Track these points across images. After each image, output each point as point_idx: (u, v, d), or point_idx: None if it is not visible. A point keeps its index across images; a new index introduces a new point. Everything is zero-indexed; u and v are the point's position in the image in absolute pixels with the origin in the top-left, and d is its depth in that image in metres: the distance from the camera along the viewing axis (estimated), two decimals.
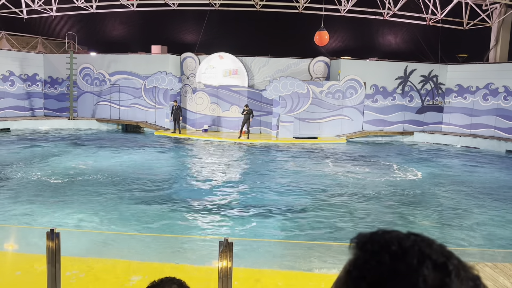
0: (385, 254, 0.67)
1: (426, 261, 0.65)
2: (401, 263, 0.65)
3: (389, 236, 0.70)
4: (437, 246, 0.68)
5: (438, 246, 0.68)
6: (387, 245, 0.68)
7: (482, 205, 9.76)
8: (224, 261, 4.14)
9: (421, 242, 0.68)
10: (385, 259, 0.66)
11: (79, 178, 11.06)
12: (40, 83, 23.28)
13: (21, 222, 7.62)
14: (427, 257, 0.65)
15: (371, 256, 0.67)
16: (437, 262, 0.65)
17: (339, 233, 7.65)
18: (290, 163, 14.38)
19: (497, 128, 19.71)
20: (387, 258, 0.66)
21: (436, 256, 0.66)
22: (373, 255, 0.67)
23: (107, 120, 22.45)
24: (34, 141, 17.10)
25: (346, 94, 20.81)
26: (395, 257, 0.66)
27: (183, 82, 21.77)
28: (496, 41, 21.67)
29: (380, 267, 0.66)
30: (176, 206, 8.90)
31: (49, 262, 4.26)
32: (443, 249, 0.68)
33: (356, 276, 0.67)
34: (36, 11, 22.94)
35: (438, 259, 0.65)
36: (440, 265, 0.65)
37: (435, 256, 0.66)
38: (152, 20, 24.73)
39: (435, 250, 0.67)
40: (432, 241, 0.69)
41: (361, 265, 0.68)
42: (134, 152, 15.47)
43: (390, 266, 0.65)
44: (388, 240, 0.69)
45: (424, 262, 0.64)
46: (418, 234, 0.70)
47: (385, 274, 0.65)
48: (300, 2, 21.57)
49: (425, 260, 0.65)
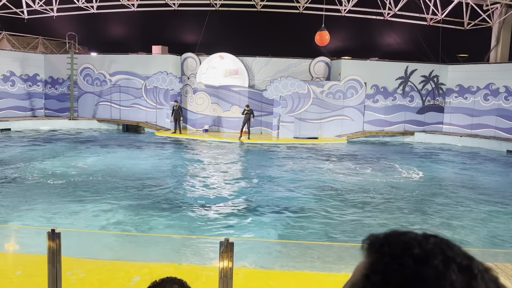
0: (407, 257, 0.64)
1: (451, 264, 0.63)
2: (427, 267, 0.62)
3: (407, 237, 0.67)
4: (458, 249, 0.66)
5: (458, 248, 0.67)
6: (407, 247, 0.66)
7: (483, 205, 9.75)
8: (224, 261, 4.14)
9: (442, 244, 0.66)
10: (409, 263, 0.63)
11: (79, 178, 11.07)
12: (40, 83, 23.30)
13: (22, 222, 7.62)
14: (452, 260, 0.63)
15: (393, 260, 0.64)
16: (462, 265, 0.63)
17: (340, 234, 7.64)
18: (291, 163, 14.37)
19: (498, 128, 19.70)
20: (410, 262, 0.63)
21: (460, 259, 0.64)
22: (394, 258, 0.64)
23: (108, 120, 22.46)
24: (34, 141, 17.11)
25: (347, 94, 20.80)
26: (419, 260, 0.63)
27: (184, 82, 21.78)
28: (497, 41, 21.65)
29: (404, 271, 0.63)
30: (177, 206, 8.90)
31: (50, 262, 4.26)
32: (464, 251, 0.66)
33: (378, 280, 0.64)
34: (37, 12, 22.96)
35: (462, 261, 0.64)
36: (465, 268, 0.63)
37: (459, 259, 0.64)
38: (153, 20, 24.75)
39: (458, 253, 0.65)
40: (452, 243, 0.67)
41: (382, 269, 0.64)
42: (135, 152, 15.48)
43: (414, 270, 0.62)
44: (407, 242, 0.67)
45: (450, 266, 0.62)
46: (435, 235, 0.68)
47: (409, 278, 0.62)
48: (301, 2, 21.57)
49: (451, 264, 0.63)
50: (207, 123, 21.47)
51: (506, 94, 19.48)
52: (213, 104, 21.50)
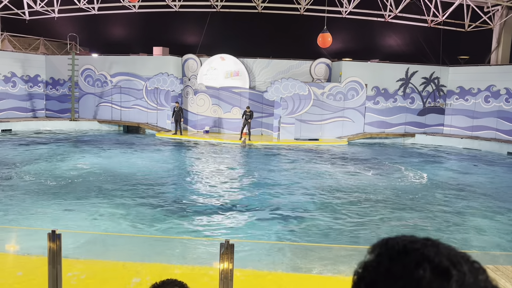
0: (386, 255, 0.67)
1: (424, 263, 0.63)
2: (398, 264, 0.64)
3: (401, 239, 0.69)
4: (446, 250, 0.66)
5: (447, 250, 0.66)
6: (392, 247, 0.68)
7: (484, 207, 9.74)
8: (225, 263, 4.14)
9: (429, 246, 0.66)
10: (385, 261, 0.66)
11: (79, 179, 11.07)
12: (41, 84, 23.33)
13: (22, 223, 7.63)
14: (427, 260, 0.64)
15: (375, 258, 0.68)
16: (439, 265, 0.63)
17: (341, 236, 7.64)
18: (292, 164, 14.37)
19: (498, 130, 19.69)
20: (386, 260, 0.66)
21: (438, 260, 0.64)
22: (376, 256, 0.68)
23: (109, 122, 22.48)
24: (35, 142, 17.12)
25: (348, 96, 20.80)
26: (394, 258, 0.66)
27: (185, 83, 21.79)
28: (497, 43, 21.65)
29: (379, 268, 0.66)
30: (177, 208, 8.90)
31: (50, 263, 4.26)
32: (452, 254, 0.65)
33: (358, 276, 0.68)
34: (38, 13, 23.00)
35: (441, 263, 0.63)
36: (442, 269, 0.63)
37: (438, 260, 0.64)
38: (154, 22, 24.77)
39: (440, 254, 0.65)
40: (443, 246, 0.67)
41: (364, 266, 0.68)
42: (135, 153, 15.49)
43: (386, 267, 0.65)
44: (396, 243, 0.68)
45: (421, 264, 0.63)
46: (432, 239, 0.68)
47: (381, 274, 0.65)
48: (302, 3, 21.59)
49: (423, 263, 0.63)
50: (207, 124, 21.48)
51: (507, 96, 19.47)
52: (213, 106, 21.51)
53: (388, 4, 21.23)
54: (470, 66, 21.45)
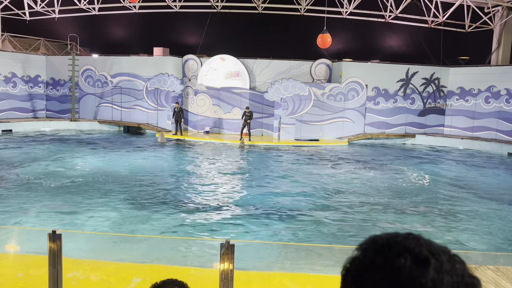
0: (370, 249, 0.72)
1: (405, 253, 0.68)
2: (381, 256, 0.69)
3: (385, 235, 0.74)
4: (426, 243, 0.71)
5: (427, 243, 0.71)
6: (376, 242, 0.72)
7: (485, 207, 9.73)
8: (225, 263, 4.14)
9: (410, 240, 0.71)
10: (370, 254, 0.71)
11: (80, 180, 11.07)
12: (42, 85, 23.34)
13: (23, 223, 7.63)
14: (407, 250, 0.68)
15: (361, 252, 0.72)
16: (419, 255, 0.67)
17: (341, 235, 7.63)
18: (292, 165, 14.37)
19: (499, 131, 19.68)
20: (371, 253, 0.71)
21: (418, 250, 0.68)
22: (362, 251, 0.72)
23: (109, 122, 22.49)
24: (36, 143, 17.13)
25: (348, 97, 20.80)
26: (378, 251, 0.70)
27: (185, 84, 21.80)
28: (498, 43, 21.65)
29: (364, 260, 0.71)
30: (177, 208, 8.90)
31: (51, 264, 4.26)
32: (432, 246, 0.70)
33: (346, 270, 0.73)
34: (39, 13, 23.01)
35: (420, 253, 0.68)
36: (422, 258, 0.67)
37: (418, 250, 0.68)
38: (154, 22, 24.79)
39: (421, 245, 0.69)
40: (423, 239, 0.72)
41: (351, 260, 0.73)
42: (136, 154, 15.49)
43: (371, 259, 0.70)
44: (380, 238, 0.73)
45: (402, 254, 0.68)
46: (414, 234, 0.73)
47: (366, 266, 0.70)
48: (302, 4, 21.59)
49: (404, 253, 0.68)
50: (208, 125, 21.48)
51: (507, 96, 19.46)
52: (214, 106, 21.51)
53: (388, 4, 21.23)
54: (470, 66, 21.44)
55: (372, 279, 0.68)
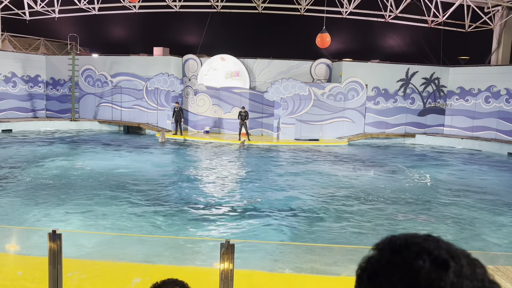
0: (387, 249, 0.70)
1: (423, 255, 0.66)
2: (399, 256, 0.67)
3: (403, 235, 0.72)
4: (445, 245, 0.68)
5: (446, 245, 0.69)
6: (394, 242, 0.70)
7: (484, 207, 9.73)
8: (225, 263, 4.14)
9: (429, 241, 0.69)
10: (387, 253, 0.69)
11: (80, 179, 11.07)
12: (42, 85, 23.34)
13: (23, 223, 7.63)
14: (426, 252, 0.66)
15: (378, 252, 0.71)
16: (438, 257, 0.65)
17: (342, 236, 7.63)
18: (292, 165, 14.37)
19: (499, 131, 19.68)
20: (388, 252, 0.69)
21: (438, 252, 0.66)
22: (379, 251, 0.71)
23: (109, 122, 22.49)
24: (35, 143, 17.13)
25: (348, 96, 20.80)
26: (396, 251, 0.68)
27: (185, 83, 21.81)
28: (498, 43, 21.64)
29: (381, 260, 0.69)
30: (177, 208, 8.90)
31: (51, 263, 4.26)
32: (451, 249, 0.68)
33: (361, 269, 0.71)
34: (39, 13, 23.01)
35: (440, 255, 0.66)
36: (441, 261, 0.65)
37: (437, 252, 0.66)
38: (154, 22, 24.78)
39: (440, 248, 0.67)
40: (443, 241, 0.70)
41: (367, 260, 0.71)
42: (135, 153, 15.49)
43: (388, 259, 0.68)
44: (398, 238, 0.71)
45: (421, 256, 0.66)
46: (433, 236, 0.71)
47: (383, 266, 0.68)
48: (302, 4, 21.59)
49: (423, 254, 0.66)
50: (208, 125, 21.49)
51: (507, 96, 19.46)
52: (214, 106, 21.52)
53: (388, 4, 21.23)
54: (470, 66, 21.44)
55: (389, 280, 0.66)
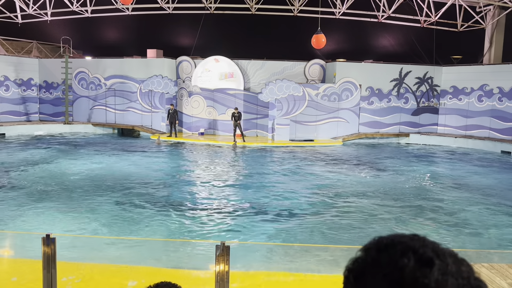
0: (374, 248, 0.70)
1: (408, 253, 0.66)
2: (384, 255, 0.68)
3: (391, 235, 0.72)
4: (431, 244, 0.69)
5: (432, 244, 0.69)
6: (380, 241, 0.71)
7: (482, 206, 9.79)
8: (221, 265, 4.13)
9: (415, 240, 0.69)
10: (373, 252, 0.70)
11: (74, 183, 11.01)
12: (35, 88, 23.21)
13: (17, 227, 7.57)
14: (412, 250, 0.67)
15: (364, 252, 0.71)
16: (423, 255, 0.66)
17: (338, 236, 7.64)
18: (287, 166, 14.38)
19: (492, 129, 19.82)
20: (374, 251, 0.70)
21: (423, 251, 0.67)
22: (365, 250, 0.71)
23: (103, 124, 22.40)
24: (29, 146, 17.02)
25: (342, 97, 20.86)
26: (381, 250, 0.69)
27: (179, 85, 21.77)
28: (490, 42, 21.80)
29: (366, 259, 0.70)
30: (172, 210, 8.88)
31: (45, 268, 4.23)
32: (437, 247, 0.69)
33: (348, 269, 0.72)
34: (31, 16, 22.88)
35: (425, 253, 0.66)
36: (426, 258, 0.66)
37: (422, 250, 0.67)
38: (148, 24, 24.72)
39: (426, 246, 0.68)
40: (429, 241, 0.70)
41: (353, 260, 0.72)
42: (130, 156, 15.43)
43: (374, 257, 0.69)
44: (384, 238, 0.72)
45: (406, 254, 0.66)
46: (419, 235, 0.72)
47: (368, 264, 0.69)
48: (295, 5, 21.63)
49: (408, 252, 0.66)
50: (202, 126, 21.46)
51: (500, 95, 19.60)
52: (208, 107, 21.49)
53: (381, 4, 21.32)
54: (463, 65, 21.58)
55: (374, 278, 0.66)
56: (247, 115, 21.03)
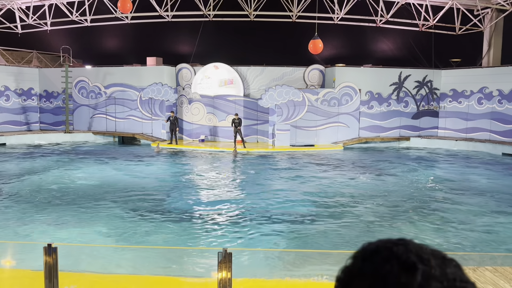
0: (360, 257, 0.71)
1: (392, 260, 0.67)
2: (368, 263, 0.68)
3: (378, 242, 0.73)
4: (416, 248, 0.69)
5: (417, 248, 0.69)
6: (366, 249, 0.72)
7: (483, 208, 9.76)
8: (223, 272, 4.11)
9: (400, 245, 0.70)
10: (359, 261, 0.70)
11: (76, 192, 11.00)
12: (35, 97, 23.27)
13: (18, 237, 7.55)
14: (395, 256, 0.67)
15: (351, 260, 0.72)
16: (406, 261, 0.66)
17: (340, 241, 7.61)
18: (288, 171, 14.36)
19: (492, 132, 19.81)
20: (360, 260, 0.70)
21: (406, 256, 0.67)
22: (353, 259, 0.72)
23: (103, 133, 22.42)
24: (30, 156, 17.03)
25: (342, 101, 20.88)
26: (366, 258, 0.69)
27: (179, 93, 21.81)
28: (488, 45, 21.85)
29: (353, 268, 0.70)
30: (174, 218, 8.85)
31: (47, 278, 4.22)
32: (422, 251, 0.69)
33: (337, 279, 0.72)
34: (31, 26, 22.99)
35: (408, 259, 0.67)
36: (409, 264, 0.66)
37: (405, 256, 0.67)
38: (147, 32, 24.82)
39: (410, 251, 0.68)
40: (414, 244, 0.70)
41: (343, 269, 0.72)
42: (131, 164, 15.42)
43: (360, 267, 0.69)
44: (371, 244, 0.72)
45: (389, 261, 0.67)
46: (405, 239, 0.72)
47: (354, 274, 0.69)
48: (294, 11, 21.72)
49: (391, 259, 0.67)
50: (203, 133, 21.47)
51: (500, 97, 19.62)
52: (208, 114, 21.52)
53: (379, 9, 21.40)
54: (462, 68, 21.62)
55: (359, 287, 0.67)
56: (247, 121, 21.04)
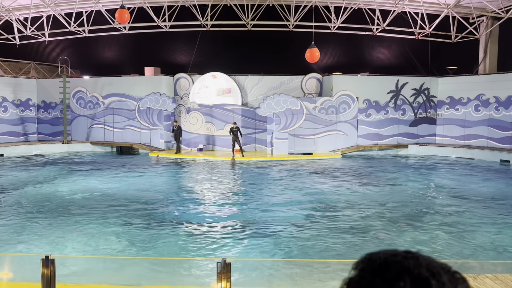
0: (368, 270, 0.69)
1: (404, 275, 0.65)
2: (379, 277, 0.67)
3: (383, 254, 0.71)
4: (426, 262, 0.68)
5: (427, 261, 0.68)
6: (374, 261, 0.70)
7: (483, 215, 9.74)
8: (222, 282, 4.08)
9: (409, 259, 0.68)
10: (367, 275, 0.68)
11: (73, 202, 10.95)
12: (33, 108, 23.27)
13: (15, 249, 7.50)
14: (407, 272, 0.66)
15: (358, 273, 0.70)
16: (419, 277, 0.65)
17: (340, 251, 7.58)
18: (287, 180, 14.34)
19: (490, 139, 19.86)
20: (368, 274, 0.68)
21: (418, 271, 0.66)
22: (359, 271, 0.70)
23: (102, 143, 22.40)
24: (28, 167, 16.98)
25: (339, 109, 20.94)
26: (376, 272, 0.68)
27: (177, 102, 21.86)
28: (484, 52, 22.00)
29: (362, 282, 0.68)
30: (172, 228, 8.81)
31: None
32: (432, 265, 0.68)
33: None
34: (29, 37, 23.08)
35: (420, 274, 0.66)
36: (422, 280, 0.65)
37: (417, 271, 0.66)
38: (145, 42, 24.94)
39: (420, 266, 0.67)
40: (423, 257, 0.69)
41: (348, 282, 0.70)
42: (129, 174, 15.39)
43: (369, 281, 0.67)
44: (378, 257, 0.70)
45: (402, 277, 0.65)
46: (412, 252, 0.71)
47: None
48: (291, 20, 21.87)
49: (404, 275, 0.66)
50: (201, 142, 21.48)
51: (497, 104, 19.70)
52: (206, 123, 21.54)
53: (375, 18, 21.57)
54: (458, 76, 21.74)
55: None
56: (245, 130, 21.05)
